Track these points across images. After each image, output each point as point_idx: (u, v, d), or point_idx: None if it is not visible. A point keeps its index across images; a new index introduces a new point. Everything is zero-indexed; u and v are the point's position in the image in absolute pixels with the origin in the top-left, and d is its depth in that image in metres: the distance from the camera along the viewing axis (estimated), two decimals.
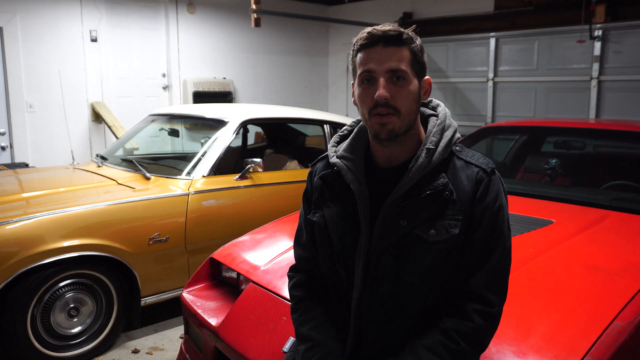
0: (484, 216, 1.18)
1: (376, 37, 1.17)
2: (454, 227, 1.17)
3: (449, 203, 1.18)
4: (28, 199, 2.92)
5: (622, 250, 1.96)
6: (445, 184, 1.18)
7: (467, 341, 1.16)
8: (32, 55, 5.49)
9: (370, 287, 1.22)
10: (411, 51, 1.18)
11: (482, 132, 3.56)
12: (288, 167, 3.99)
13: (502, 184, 1.23)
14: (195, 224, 3.13)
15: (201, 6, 6.80)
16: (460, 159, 1.23)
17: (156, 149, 4.61)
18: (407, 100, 1.17)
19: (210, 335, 1.98)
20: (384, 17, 7.24)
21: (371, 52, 1.17)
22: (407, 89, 1.17)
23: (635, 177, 2.86)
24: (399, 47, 1.17)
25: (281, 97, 7.80)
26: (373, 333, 1.24)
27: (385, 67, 1.16)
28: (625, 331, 1.41)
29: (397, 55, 1.16)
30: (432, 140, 1.21)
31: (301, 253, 1.44)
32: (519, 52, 6.32)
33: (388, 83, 1.16)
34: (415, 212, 1.18)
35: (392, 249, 1.20)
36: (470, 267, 1.19)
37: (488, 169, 1.21)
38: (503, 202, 1.21)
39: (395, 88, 1.16)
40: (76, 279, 2.77)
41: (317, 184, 1.34)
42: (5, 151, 5.45)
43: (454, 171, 1.21)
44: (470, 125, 6.55)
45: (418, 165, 1.18)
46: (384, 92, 1.15)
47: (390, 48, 1.16)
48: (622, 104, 5.59)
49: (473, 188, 1.19)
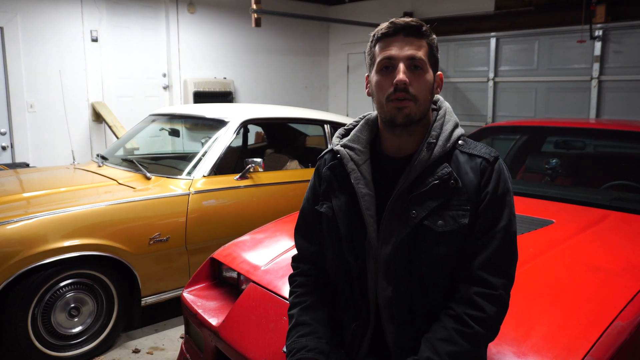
0: (489, 203, 1.21)
1: (398, 26, 1.22)
2: (462, 217, 1.20)
3: (455, 193, 1.20)
4: (29, 198, 2.92)
5: (622, 250, 1.96)
6: (450, 173, 1.21)
7: (480, 325, 1.17)
8: (33, 55, 5.50)
9: (385, 277, 1.24)
10: (429, 44, 1.23)
11: (482, 132, 3.56)
12: (288, 167, 3.99)
13: (506, 171, 1.26)
14: (195, 223, 3.13)
15: (201, 6, 6.80)
16: (464, 152, 1.26)
17: (157, 149, 4.62)
18: (423, 88, 1.22)
19: (211, 335, 1.98)
20: (384, 17, 7.20)
21: (392, 41, 1.22)
22: (424, 78, 1.21)
23: (635, 177, 2.86)
24: (419, 38, 1.21)
25: (281, 97, 7.80)
26: (392, 320, 1.25)
27: (406, 54, 1.20)
28: (626, 331, 1.41)
29: (416, 44, 1.21)
30: (432, 135, 1.25)
31: (304, 244, 1.45)
32: (520, 52, 6.32)
33: (407, 70, 1.20)
34: (423, 202, 1.21)
35: (405, 241, 1.22)
36: (474, 251, 1.21)
37: (491, 157, 1.24)
38: (508, 187, 1.24)
39: (413, 75, 1.20)
40: (77, 278, 2.77)
41: (326, 174, 1.36)
42: (5, 151, 5.46)
43: (458, 164, 1.24)
44: (471, 125, 6.55)
45: (420, 159, 1.22)
46: (404, 76, 1.19)
47: (410, 38, 1.21)
48: (622, 104, 5.59)
49: (478, 178, 1.22)
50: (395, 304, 1.24)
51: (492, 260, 1.20)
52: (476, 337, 1.17)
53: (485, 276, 1.19)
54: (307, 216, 1.44)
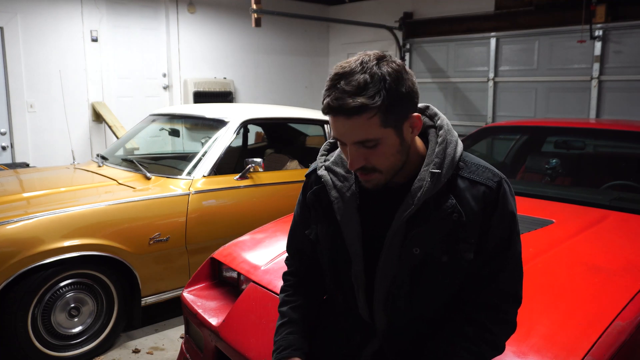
0: (495, 231, 1.15)
1: (334, 109, 1.06)
2: (467, 251, 1.14)
3: (458, 225, 1.13)
4: (29, 198, 2.92)
5: (622, 250, 1.96)
6: (454, 206, 1.12)
7: (489, 345, 1.17)
8: (33, 55, 5.49)
9: (383, 310, 1.20)
10: (379, 110, 1.04)
11: (482, 132, 3.56)
12: (288, 167, 3.99)
13: (510, 192, 1.18)
14: (195, 223, 3.13)
15: (201, 6, 6.80)
16: (464, 178, 1.16)
17: (157, 149, 4.62)
18: (384, 158, 1.11)
19: (211, 335, 1.98)
20: (384, 17, 7.25)
21: (335, 121, 1.09)
22: (381, 150, 1.09)
23: (635, 177, 2.86)
24: (362, 115, 1.04)
25: (281, 97, 7.80)
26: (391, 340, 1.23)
27: (352, 140, 1.09)
28: (626, 331, 1.41)
29: (362, 124, 1.05)
30: (435, 162, 1.13)
31: (295, 249, 1.45)
32: (520, 52, 6.32)
33: (359, 149, 1.09)
34: (426, 238, 1.14)
35: (406, 276, 1.17)
36: (484, 278, 1.18)
37: (494, 185, 1.15)
38: (513, 210, 1.17)
39: (368, 151, 1.10)
40: (77, 278, 2.77)
41: (310, 200, 1.29)
42: (5, 151, 5.46)
43: (459, 192, 1.15)
44: (471, 125, 6.55)
45: (423, 191, 1.11)
46: (356, 163, 1.10)
47: (353, 119, 1.05)
48: (622, 104, 5.59)
49: (482, 207, 1.14)
50: (395, 332, 1.22)
51: (502, 288, 1.17)
52: (483, 355, 1.16)
53: (496, 302, 1.17)
54: (296, 229, 1.43)
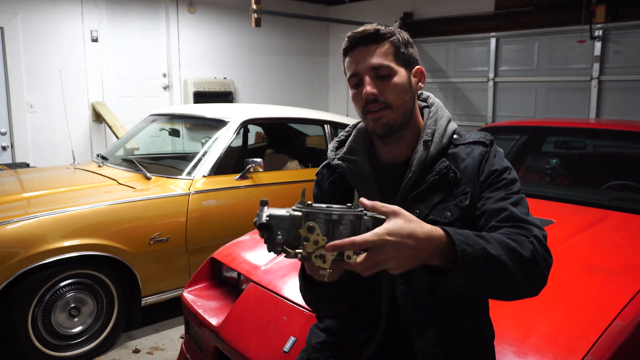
0: (494, 174, 1.19)
1: (355, 39, 1.19)
2: (463, 200, 1.18)
3: (455, 184, 1.19)
4: (29, 198, 2.92)
5: (622, 250, 1.96)
6: (448, 167, 1.19)
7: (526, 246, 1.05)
8: (33, 55, 5.50)
9: (401, 276, 1.18)
10: (393, 44, 1.19)
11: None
12: (288, 167, 3.99)
13: (502, 151, 1.25)
14: (195, 223, 3.13)
15: (201, 6, 6.80)
16: (460, 144, 1.24)
17: (157, 149, 4.62)
18: (395, 92, 1.18)
19: (211, 335, 1.99)
20: (384, 17, 7.24)
21: (354, 54, 1.20)
22: (393, 82, 1.18)
23: (635, 177, 2.86)
24: (379, 44, 1.18)
25: (281, 97, 7.80)
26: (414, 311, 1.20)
27: (368, 65, 1.18)
28: (626, 331, 1.41)
29: (378, 52, 1.18)
30: (427, 132, 1.23)
31: None
32: (520, 52, 6.32)
33: (374, 80, 1.18)
34: (424, 199, 1.19)
35: None
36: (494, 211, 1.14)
37: (487, 141, 1.24)
38: (507, 163, 1.22)
39: (381, 83, 1.18)
40: (77, 278, 2.77)
41: (330, 190, 1.33)
42: (6, 151, 5.46)
43: (456, 157, 1.22)
44: (471, 125, 6.55)
45: (418, 159, 1.20)
46: (370, 89, 1.17)
47: (370, 47, 1.18)
48: (622, 104, 5.59)
49: (477, 161, 1.21)
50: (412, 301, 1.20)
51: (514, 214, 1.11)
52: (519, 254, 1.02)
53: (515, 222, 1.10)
54: None
